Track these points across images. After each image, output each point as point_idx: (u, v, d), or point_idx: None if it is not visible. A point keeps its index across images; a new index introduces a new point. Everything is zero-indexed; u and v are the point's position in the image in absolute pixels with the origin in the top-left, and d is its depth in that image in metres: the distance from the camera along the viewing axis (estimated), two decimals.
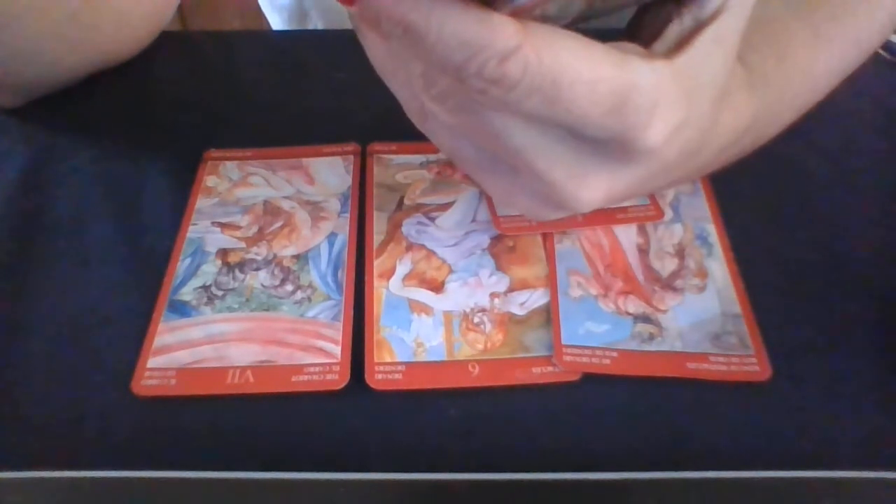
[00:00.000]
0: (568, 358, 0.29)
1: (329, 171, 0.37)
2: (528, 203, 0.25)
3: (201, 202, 0.36)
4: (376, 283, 0.32)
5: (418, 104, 0.22)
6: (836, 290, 0.32)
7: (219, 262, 0.33)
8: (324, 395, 0.29)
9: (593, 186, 0.22)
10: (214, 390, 0.29)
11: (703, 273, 0.32)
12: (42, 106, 0.41)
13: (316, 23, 0.55)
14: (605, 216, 0.34)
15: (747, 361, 0.29)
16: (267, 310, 0.32)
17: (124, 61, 0.43)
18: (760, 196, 0.36)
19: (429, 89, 0.21)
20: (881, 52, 0.41)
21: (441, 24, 0.17)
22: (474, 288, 0.32)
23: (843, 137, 0.39)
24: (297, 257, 0.34)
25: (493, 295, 0.32)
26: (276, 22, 0.58)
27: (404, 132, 0.25)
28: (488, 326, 0.31)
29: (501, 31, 0.17)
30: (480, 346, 0.30)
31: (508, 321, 0.31)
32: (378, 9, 0.17)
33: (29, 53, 0.38)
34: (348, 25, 0.52)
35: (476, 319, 0.31)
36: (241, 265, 0.33)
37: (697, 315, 0.31)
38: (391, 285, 0.32)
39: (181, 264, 0.33)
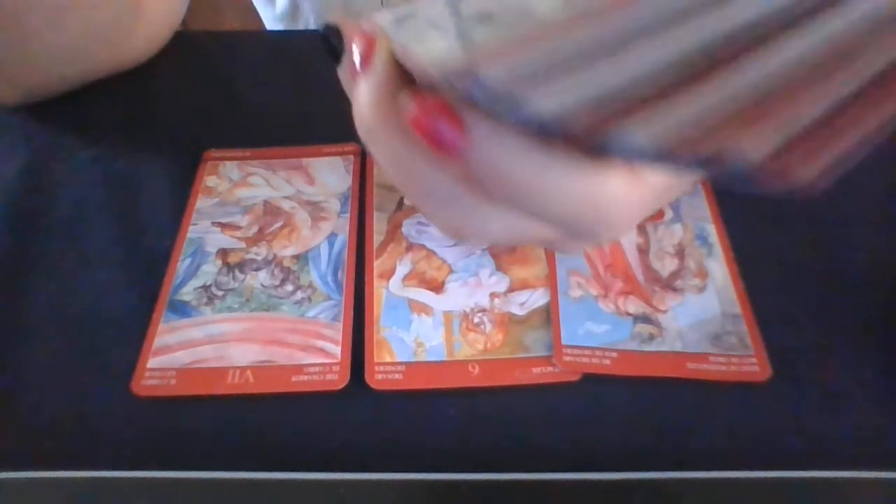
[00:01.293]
0: (568, 358, 0.29)
1: (329, 171, 0.37)
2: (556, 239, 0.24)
3: (201, 202, 0.36)
4: (376, 283, 0.32)
5: (454, 227, 0.20)
6: (835, 290, 0.32)
7: (219, 262, 0.33)
8: (324, 395, 0.29)
9: (617, 226, 0.22)
10: (214, 390, 0.29)
11: (703, 273, 0.32)
12: (43, 106, 0.41)
13: (308, 16, 0.55)
14: None
15: (747, 361, 0.29)
16: (267, 310, 0.32)
17: (138, 64, 0.43)
18: (760, 196, 0.36)
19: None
20: None
21: (554, 182, 0.16)
22: (474, 288, 0.32)
23: None
24: (297, 257, 0.34)
25: (493, 295, 0.32)
26: (268, 15, 0.58)
27: None
28: (488, 326, 0.31)
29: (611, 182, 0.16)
30: (480, 346, 0.30)
31: (508, 321, 0.31)
32: (487, 168, 0.16)
33: (71, 52, 0.39)
34: None
35: (476, 319, 0.31)
36: (241, 265, 0.33)
37: (697, 315, 0.31)
38: (391, 285, 0.32)
39: (181, 264, 0.33)
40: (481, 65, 0.14)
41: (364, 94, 0.18)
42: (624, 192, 0.17)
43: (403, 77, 0.17)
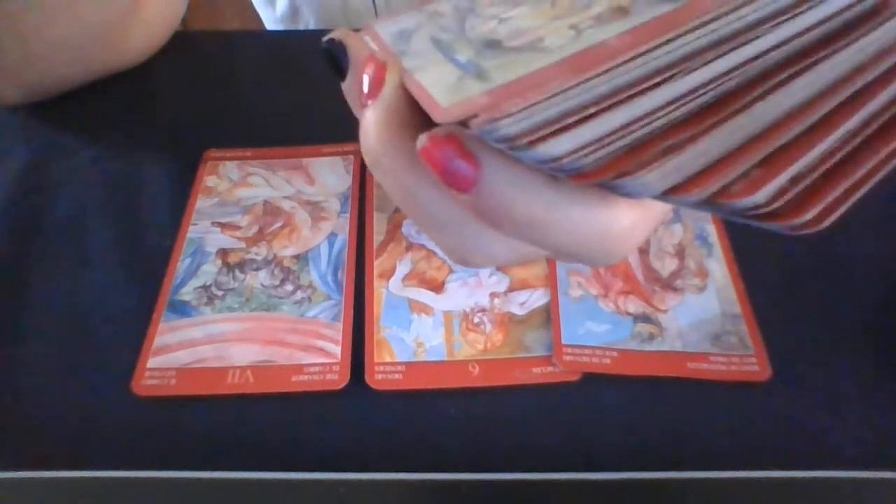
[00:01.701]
0: (568, 358, 0.29)
1: (329, 171, 0.37)
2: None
3: (201, 202, 0.36)
4: (376, 283, 0.32)
5: (460, 253, 0.21)
6: (835, 290, 0.32)
7: (219, 262, 0.33)
8: (324, 395, 0.29)
9: (624, 254, 0.22)
10: (214, 390, 0.29)
11: (703, 273, 0.32)
12: (42, 106, 0.41)
13: (308, 19, 0.55)
14: None
15: (747, 361, 0.29)
16: (267, 310, 0.32)
17: (137, 64, 0.43)
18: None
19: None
20: None
21: (565, 217, 0.16)
22: (474, 288, 0.32)
23: None
24: (297, 257, 0.34)
25: (493, 295, 0.32)
26: (268, 17, 0.59)
27: None
28: (488, 326, 0.31)
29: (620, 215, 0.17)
30: (480, 346, 0.30)
31: (508, 321, 0.31)
32: (498, 202, 0.16)
33: (69, 51, 0.39)
34: (339, 23, 0.52)
35: (476, 319, 0.31)
36: (241, 265, 0.33)
37: (697, 315, 0.31)
38: (391, 285, 0.32)
39: (181, 264, 0.33)
40: (495, 109, 0.14)
41: (371, 122, 0.18)
42: (632, 224, 0.17)
43: (411, 104, 0.17)
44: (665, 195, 0.14)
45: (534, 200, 0.16)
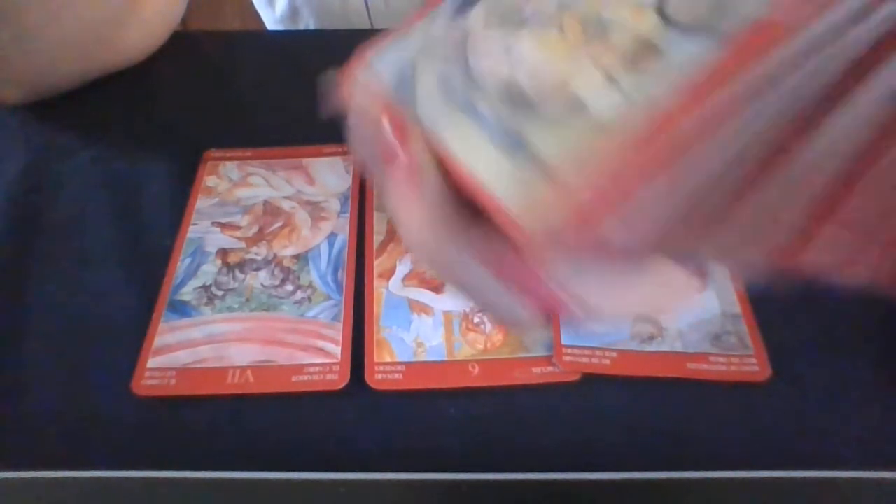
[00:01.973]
0: (568, 358, 0.29)
1: (329, 171, 0.37)
2: None
3: (201, 202, 0.36)
4: (376, 283, 0.32)
5: (499, 316, 0.21)
6: (835, 289, 0.32)
7: (219, 262, 0.33)
8: (324, 395, 0.29)
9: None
10: (214, 390, 0.29)
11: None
12: (42, 106, 0.41)
13: (308, 20, 0.55)
14: None
15: (747, 361, 0.29)
16: (267, 310, 0.32)
17: (136, 63, 0.43)
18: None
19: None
20: None
21: (626, 301, 0.17)
22: None
23: None
24: (297, 257, 0.34)
25: None
26: (268, 17, 0.59)
27: None
28: (488, 326, 0.31)
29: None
30: (480, 346, 0.30)
31: None
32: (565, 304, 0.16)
33: (69, 49, 0.39)
34: (339, 24, 0.52)
35: (476, 319, 0.31)
36: (241, 265, 0.33)
37: (697, 315, 0.31)
38: (391, 285, 0.32)
39: (181, 264, 0.33)
40: (592, 233, 0.13)
41: (417, 213, 0.17)
42: (688, 283, 0.17)
43: (445, 173, 0.16)
44: (720, 260, 0.14)
45: (600, 295, 0.16)
